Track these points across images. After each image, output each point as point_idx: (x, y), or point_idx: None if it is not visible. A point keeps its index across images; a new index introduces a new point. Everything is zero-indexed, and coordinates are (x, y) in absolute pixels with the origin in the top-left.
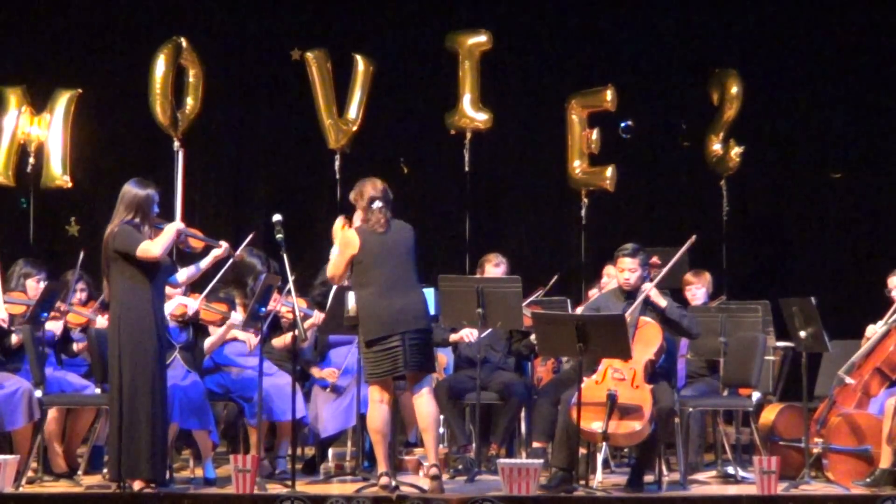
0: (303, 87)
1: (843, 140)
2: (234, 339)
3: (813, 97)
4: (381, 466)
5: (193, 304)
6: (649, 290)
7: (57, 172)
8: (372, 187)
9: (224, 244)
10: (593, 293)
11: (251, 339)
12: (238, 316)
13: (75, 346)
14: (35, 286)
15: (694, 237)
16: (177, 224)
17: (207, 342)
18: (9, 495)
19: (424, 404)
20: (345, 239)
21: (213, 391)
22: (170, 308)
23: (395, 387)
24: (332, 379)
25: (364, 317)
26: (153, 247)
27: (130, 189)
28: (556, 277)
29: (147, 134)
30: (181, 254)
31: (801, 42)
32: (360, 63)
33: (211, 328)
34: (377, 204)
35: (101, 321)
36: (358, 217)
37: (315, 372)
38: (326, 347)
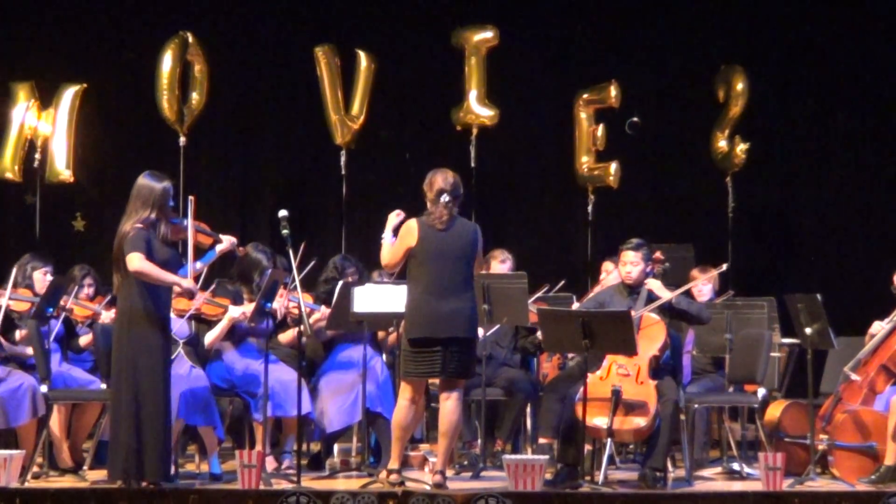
0: (309, 82)
1: (848, 136)
2: (248, 334)
3: (818, 93)
4: (394, 462)
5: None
6: (651, 288)
7: (60, 167)
8: (442, 179)
9: (230, 238)
10: (597, 290)
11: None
12: (237, 309)
13: (81, 341)
14: (42, 279)
15: (725, 266)
16: (178, 280)
17: (208, 337)
18: (14, 490)
19: (450, 410)
20: (405, 229)
21: (218, 386)
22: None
23: None
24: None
25: (410, 314)
26: (137, 262)
27: (146, 183)
28: (562, 283)
29: (152, 129)
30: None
31: (807, 38)
32: (363, 59)
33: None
34: (444, 198)
35: (107, 315)
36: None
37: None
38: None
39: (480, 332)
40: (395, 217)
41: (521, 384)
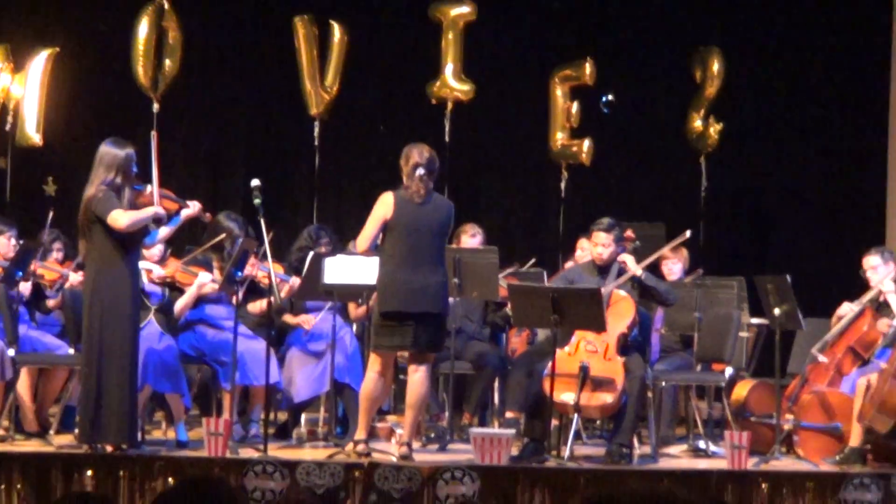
0: (282, 51)
1: (822, 119)
2: (218, 302)
3: (793, 75)
4: (361, 433)
5: (158, 269)
6: (624, 261)
7: (30, 131)
8: (418, 154)
9: (195, 203)
10: (569, 266)
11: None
12: (206, 276)
13: (49, 303)
14: (6, 243)
15: (688, 232)
16: (156, 209)
17: (178, 304)
18: None
19: (418, 382)
20: (381, 202)
21: (186, 354)
22: None
23: None
24: (307, 326)
25: (382, 287)
26: (122, 218)
27: (109, 150)
28: (532, 261)
29: (125, 95)
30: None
31: (783, 20)
32: (337, 31)
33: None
34: (419, 171)
35: (75, 277)
36: None
37: (289, 318)
38: (302, 311)
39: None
40: None
41: (489, 358)
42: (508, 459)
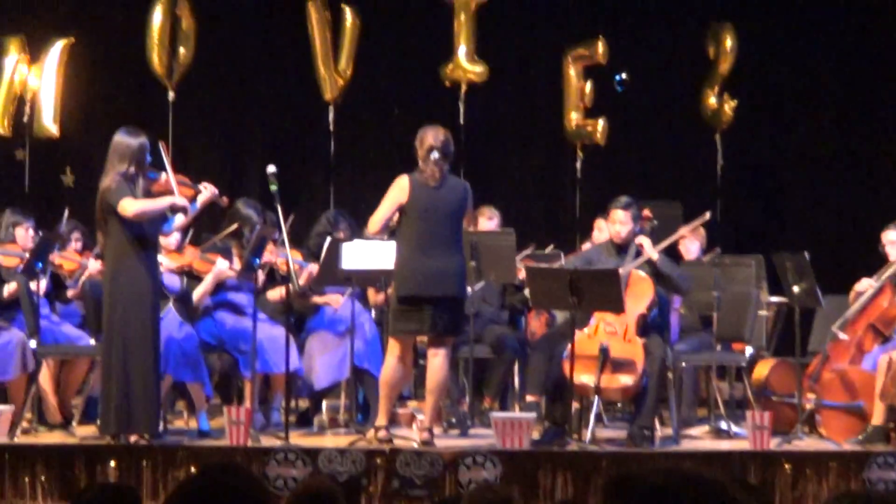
0: (296, 37)
1: (837, 93)
2: (238, 289)
3: (808, 50)
4: (381, 419)
5: (168, 261)
6: (641, 243)
7: (47, 122)
8: (433, 136)
9: (210, 186)
10: (586, 247)
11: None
12: (224, 263)
13: (69, 293)
14: (24, 234)
15: (708, 214)
16: (174, 199)
17: (196, 292)
18: (4, 446)
19: (437, 367)
20: (397, 186)
21: (206, 343)
22: None
23: None
24: (336, 305)
25: (399, 272)
26: (132, 206)
27: (123, 139)
28: (551, 246)
29: (141, 84)
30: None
31: None
32: (349, 16)
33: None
34: (434, 155)
35: (94, 266)
36: None
37: (317, 299)
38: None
39: (469, 289)
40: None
41: (508, 342)
42: (530, 443)
